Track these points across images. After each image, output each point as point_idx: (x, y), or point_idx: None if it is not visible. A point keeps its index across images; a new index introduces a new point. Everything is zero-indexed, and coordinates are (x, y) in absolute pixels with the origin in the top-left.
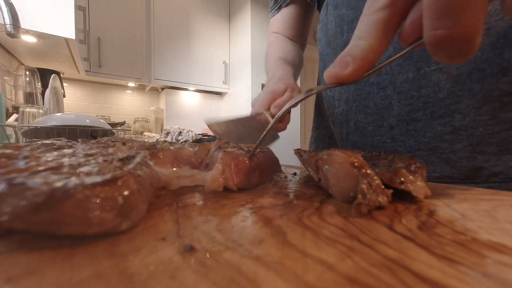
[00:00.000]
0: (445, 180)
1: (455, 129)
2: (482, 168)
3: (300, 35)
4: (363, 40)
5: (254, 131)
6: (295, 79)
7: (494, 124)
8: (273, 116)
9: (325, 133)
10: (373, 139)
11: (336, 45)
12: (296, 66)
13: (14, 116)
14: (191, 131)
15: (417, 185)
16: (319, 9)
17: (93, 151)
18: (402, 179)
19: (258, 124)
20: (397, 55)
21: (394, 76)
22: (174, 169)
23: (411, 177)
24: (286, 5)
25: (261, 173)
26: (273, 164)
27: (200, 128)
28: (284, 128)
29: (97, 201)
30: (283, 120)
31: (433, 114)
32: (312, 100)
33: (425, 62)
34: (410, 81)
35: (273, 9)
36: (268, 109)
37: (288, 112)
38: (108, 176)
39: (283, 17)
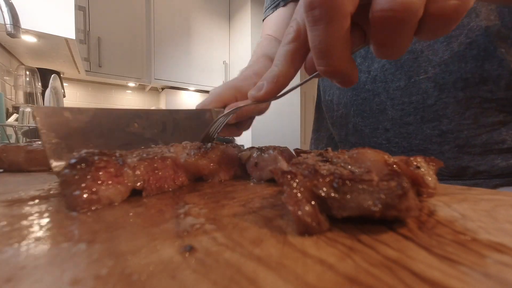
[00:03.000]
0: None
1: (442, 132)
2: (468, 167)
3: None
4: (276, 66)
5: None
6: None
7: (476, 128)
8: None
9: (325, 134)
10: (370, 141)
11: None
12: None
13: (14, 116)
14: None
15: (430, 174)
16: None
17: None
18: (418, 165)
19: (197, 123)
20: (301, 82)
21: (387, 83)
22: None
23: (426, 166)
24: (285, 5)
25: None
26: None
27: None
28: (239, 134)
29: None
30: (242, 125)
31: (423, 118)
32: (312, 103)
33: (415, 72)
34: (402, 89)
35: (268, 8)
36: (223, 106)
37: (250, 118)
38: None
39: (279, 18)
